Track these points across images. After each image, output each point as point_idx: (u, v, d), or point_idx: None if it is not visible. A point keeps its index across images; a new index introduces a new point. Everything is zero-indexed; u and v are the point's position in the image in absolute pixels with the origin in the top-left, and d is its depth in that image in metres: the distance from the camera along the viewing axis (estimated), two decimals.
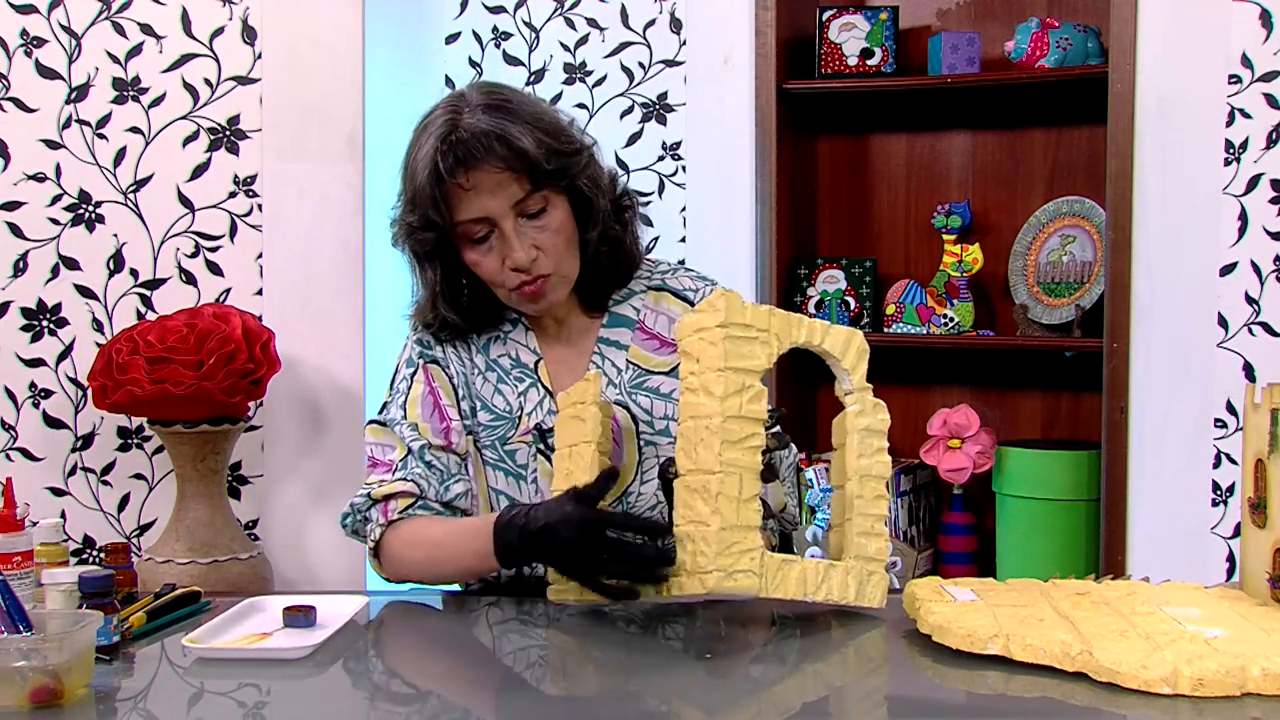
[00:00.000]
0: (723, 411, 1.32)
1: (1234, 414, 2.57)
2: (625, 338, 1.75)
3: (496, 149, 1.57)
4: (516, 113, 1.61)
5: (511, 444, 1.70)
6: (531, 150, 1.58)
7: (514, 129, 1.58)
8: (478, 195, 1.59)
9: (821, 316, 3.05)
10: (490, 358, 1.74)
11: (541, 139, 1.60)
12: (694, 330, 1.37)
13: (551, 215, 1.63)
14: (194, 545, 2.45)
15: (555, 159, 1.60)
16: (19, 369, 2.65)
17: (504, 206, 1.60)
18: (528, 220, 1.62)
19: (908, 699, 1.28)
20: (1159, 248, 2.63)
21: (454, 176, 1.57)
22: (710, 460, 1.31)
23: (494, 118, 1.59)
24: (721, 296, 1.34)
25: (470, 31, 3.10)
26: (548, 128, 1.62)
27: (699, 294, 1.78)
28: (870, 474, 1.46)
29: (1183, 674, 1.17)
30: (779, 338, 1.38)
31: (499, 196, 1.60)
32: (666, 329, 1.76)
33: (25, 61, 2.62)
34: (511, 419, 1.71)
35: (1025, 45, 2.81)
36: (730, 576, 1.31)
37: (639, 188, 3.05)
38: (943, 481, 2.97)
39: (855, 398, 1.47)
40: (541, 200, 1.62)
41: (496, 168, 1.58)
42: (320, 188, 2.68)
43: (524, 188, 1.60)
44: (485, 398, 1.72)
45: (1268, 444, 1.41)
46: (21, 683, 1.20)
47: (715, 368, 1.33)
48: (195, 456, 2.46)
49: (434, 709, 1.26)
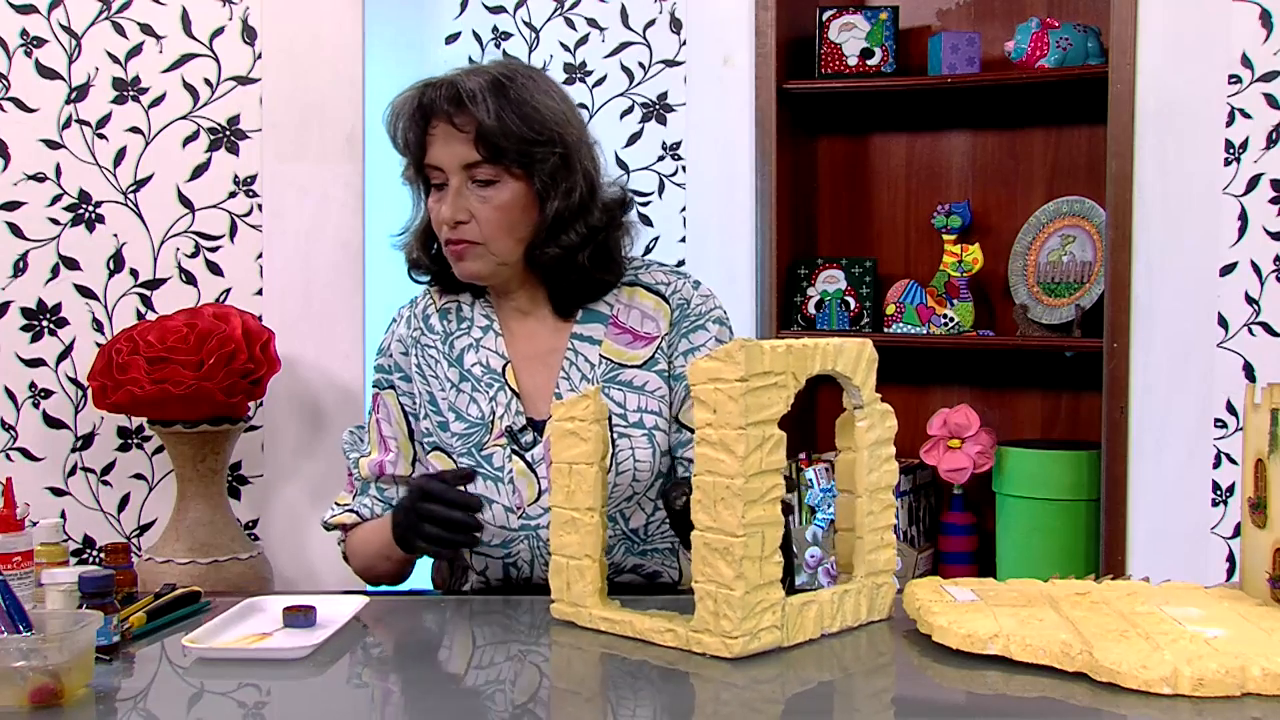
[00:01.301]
0: (744, 471, 1.30)
1: (1234, 414, 2.57)
2: (598, 333, 1.77)
3: (452, 108, 1.67)
4: (505, 90, 1.67)
5: (487, 448, 1.74)
6: (487, 121, 1.65)
7: (483, 99, 1.66)
8: (435, 143, 1.70)
9: (821, 316, 3.05)
10: (464, 368, 1.78)
11: (510, 119, 1.66)
12: (709, 379, 1.33)
13: (499, 191, 1.69)
14: (194, 545, 2.45)
15: (515, 141, 1.67)
16: (19, 369, 2.65)
17: (454, 163, 1.69)
18: (476, 185, 1.69)
19: (908, 699, 1.28)
20: (1159, 248, 2.63)
21: (418, 119, 1.70)
22: (733, 523, 1.30)
23: (477, 84, 1.67)
24: (741, 348, 1.30)
25: (470, 31, 3.10)
26: (527, 114, 1.68)
27: (671, 287, 1.79)
28: (880, 486, 1.47)
29: (1183, 674, 1.17)
30: (795, 376, 1.36)
31: (451, 152, 1.68)
32: (639, 323, 1.77)
33: (25, 61, 2.62)
34: (484, 424, 1.75)
35: (1025, 45, 2.81)
36: (755, 638, 1.32)
37: (639, 188, 3.05)
38: (943, 481, 2.97)
39: (865, 411, 1.46)
40: (493, 173, 1.68)
41: (451, 124, 1.67)
42: (320, 188, 2.68)
43: (476, 154, 1.67)
44: (460, 408, 1.76)
45: (1268, 444, 1.41)
46: (21, 683, 1.20)
47: (736, 425, 1.30)
48: (195, 456, 2.46)
49: (434, 709, 1.26)
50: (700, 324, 1.76)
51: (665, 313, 1.77)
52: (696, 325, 1.76)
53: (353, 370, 2.69)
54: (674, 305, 1.78)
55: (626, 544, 1.75)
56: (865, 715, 1.24)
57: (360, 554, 1.81)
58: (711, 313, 1.78)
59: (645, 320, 1.77)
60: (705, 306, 1.78)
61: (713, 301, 1.80)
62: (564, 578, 1.49)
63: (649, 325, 1.77)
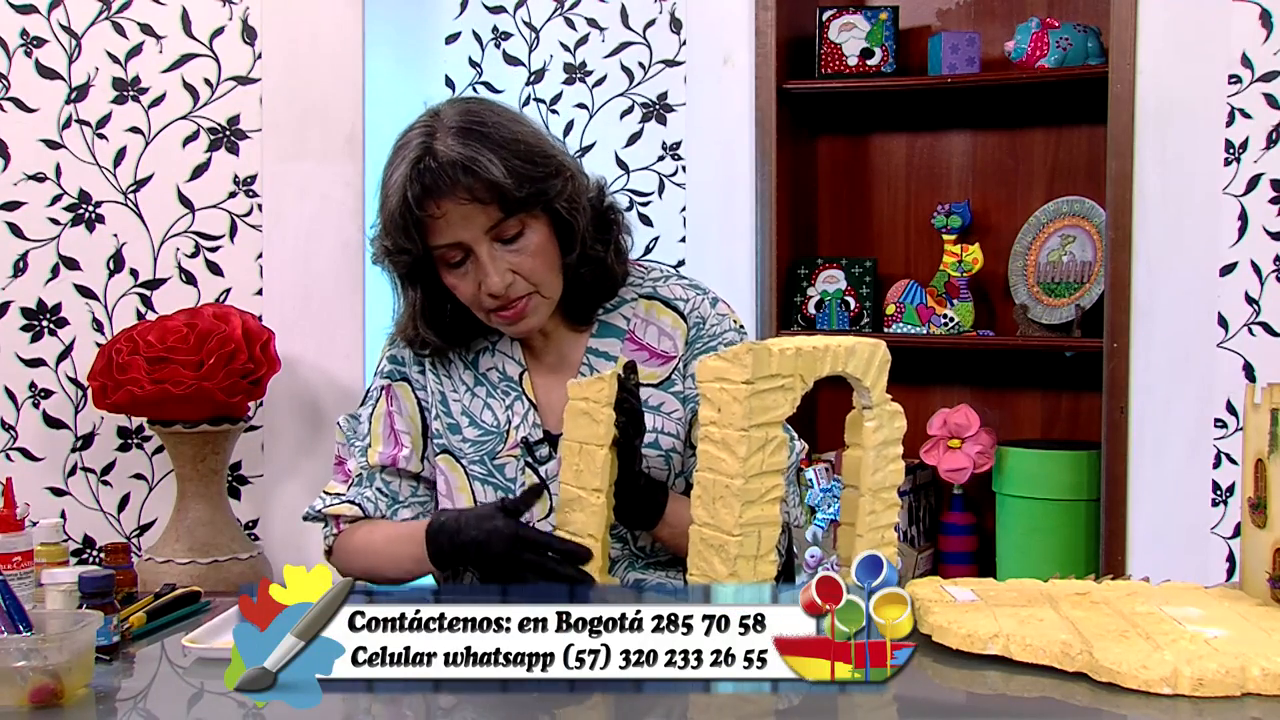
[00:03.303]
0: (744, 472, 1.30)
1: (1234, 414, 2.57)
2: (615, 349, 1.72)
3: (464, 180, 1.54)
4: (490, 136, 1.56)
5: (500, 458, 1.69)
6: (501, 179, 1.54)
7: (484, 157, 1.54)
8: (449, 224, 1.57)
9: (821, 316, 3.05)
10: (479, 371, 1.73)
11: (515, 165, 1.56)
12: (715, 378, 1.33)
13: (529, 238, 1.59)
14: (194, 545, 2.45)
15: (528, 185, 1.56)
16: (19, 369, 2.65)
17: (477, 234, 1.57)
18: (504, 245, 1.58)
19: (908, 699, 1.28)
20: (1159, 248, 2.63)
21: (422, 207, 1.55)
22: (730, 522, 1.31)
23: (465, 144, 1.55)
24: (749, 351, 1.29)
25: (470, 31, 3.10)
26: (523, 151, 1.58)
27: (689, 304, 1.73)
28: (884, 486, 1.47)
29: (1183, 674, 1.17)
30: (803, 378, 1.36)
31: (470, 225, 1.57)
32: (656, 340, 1.72)
33: (25, 61, 2.62)
34: (500, 433, 1.70)
35: (1025, 45, 2.81)
36: None
37: (639, 188, 3.06)
38: (943, 481, 2.97)
39: (874, 412, 1.47)
40: (518, 225, 1.58)
41: (465, 198, 1.55)
42: (320, 188, 2.68)
43: (495, 215, 1.56)
44: (474, 413, 1.71)
45: (1268, 444, 1.41)
46: (21, 683, 1.20)
47: (739, 426, 1.30)
48: (195, 456, 2.46)
49: (435, 708, 1.26)
50: (712, 345, 1.70)
51: (682, 331, 1.72)
52: (709, 346, 1.71)
53: (353, 370, 2.69)
54: (691, 324, 1.72)
55: (630, 560, 1.72)
56: (866, 715, 1.24)
57: (373, 553, 1.67)
58: (725, 334, 1.72)
59: (663, 338, 1.72)
60: (720, 327, 1.72)
61: (729, 321, 1.73)
62: None
63: (666, 343, 1.72)
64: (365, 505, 1.71)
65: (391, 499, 1.73)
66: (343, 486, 1.74)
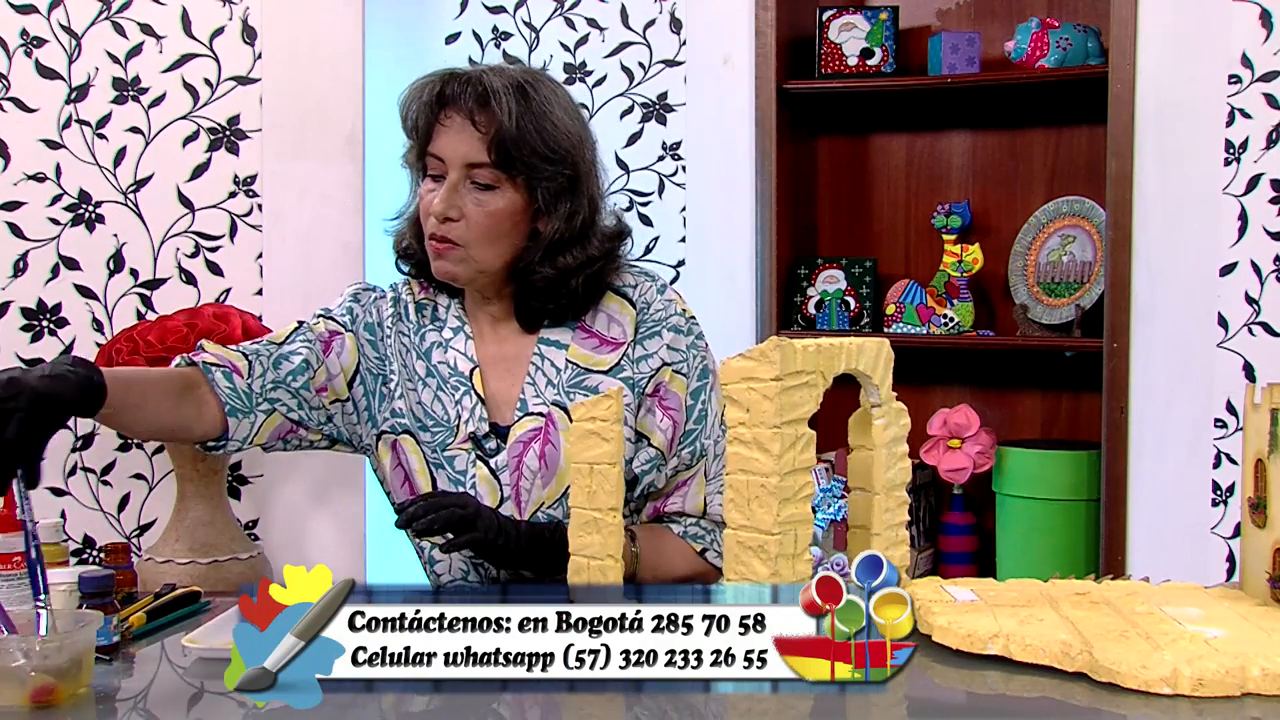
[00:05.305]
0: (779, 470, 1.31)
1: (1234, 414, 2.57)
2: (565, 337, 1.73)
3: (475, 104, 1.62)
4: (528, 98, 1.64)
5: (450, 451, 1.71)
6: (506, 124, 1.61)
7: (509, 101, 1.61)
8: (446, 136, 1.65)
9: (821, 316, 3.05)
10: (431, 363, 1.74)
11: (530, 128, 1.62)
12: (742, 378, 1.33)
13: (495, 197, 1.64)
14: (194, 545, 2.45)
15: (527, 152, 1.62)
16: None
17: (458, 158, 1.64)
18: (473, 186, 1.64)
19: (908, 699, 1.28)
20: (1159, 248, 2.63)
21: (434, 106, 1.65)
22: (769, 521, 1.31)
23: (503, 86, 1.62)
24: (776, 347, 1.31)
25: (470, 31, 3.10)
26: (548, 127, 1.64)
27: (637, 289, 1.74)
28: (896, 483, 1.47)
29: (1183, 674, 1.17)
30: (824, 375, 1.37)
31: (459, 146, 1.64)
32: (605, 327, 1.73)
33: (25, 61, 2.62)
34: (449, 427, 1.71)
35: (1025, 45, 2.81)
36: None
37: (639, 188, 3.06)
38: (943, 481, 2.97)
39: (882, 410, 1.47)
40: (494, 178, 1.64)
41: (469, 119, 1.63)
42: (320, 188, 2.68)
43: (482, 155, 1.63)
44: (426, 404, 1.73)
45: (1268, 444, 1.41)
46: (21, 683, 1.20)
47: (771, 424, 1.31)
48: (195, 456, 2.46)
49: (435, 708, 1.26)
50: (655, 330, 1.71)
51: (630, 317, 1.73)
52: (652, 331, 1.71)
53: None
54: (638, 309, 1.73)
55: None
56: (866, 715, 1.24)
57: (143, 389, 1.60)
58: (669, 320, 1.72)
59: (612, 324, 1.73)
60: (665, 312, 1.72)
61: (674, 307, 1.73)
62: (585, 578, 1.48)
63: (615, 330, 1.73)
64: (250, 359, 1.72)
65: (277, 383, 1.71)
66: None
